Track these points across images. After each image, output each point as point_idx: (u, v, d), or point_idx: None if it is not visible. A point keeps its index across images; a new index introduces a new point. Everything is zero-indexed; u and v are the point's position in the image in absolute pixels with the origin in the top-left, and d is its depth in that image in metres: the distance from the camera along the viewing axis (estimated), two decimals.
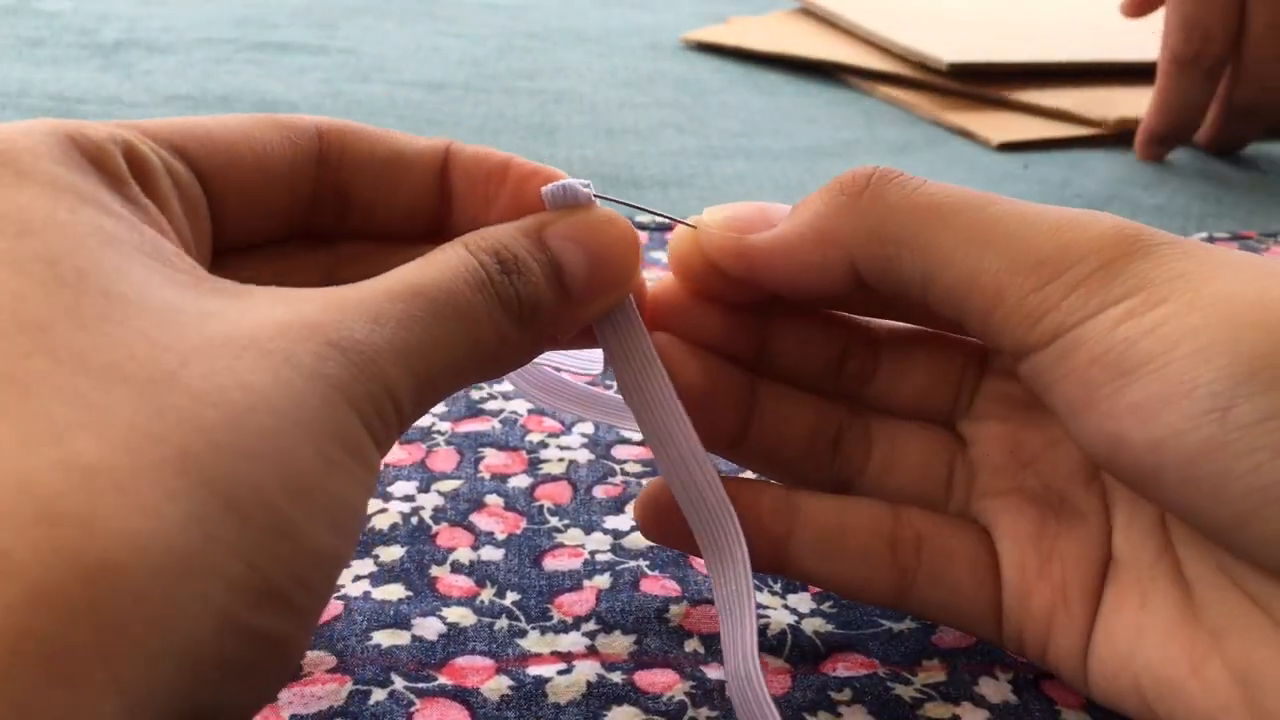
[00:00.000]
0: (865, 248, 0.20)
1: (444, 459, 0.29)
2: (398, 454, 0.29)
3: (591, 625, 0.24)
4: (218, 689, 0.13)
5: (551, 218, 0.20)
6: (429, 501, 0.28)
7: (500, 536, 0.26)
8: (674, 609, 0.24)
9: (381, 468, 0.24)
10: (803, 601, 0.25)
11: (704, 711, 0.22)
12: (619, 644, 0.23)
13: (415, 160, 0.22)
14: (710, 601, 0.25)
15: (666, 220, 0.23)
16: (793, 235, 0.21)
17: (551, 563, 0.26)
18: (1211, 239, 0.47)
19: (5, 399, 0.13)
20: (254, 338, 0.15)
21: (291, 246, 0.22)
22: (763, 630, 0.24)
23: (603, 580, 0.25)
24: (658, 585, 0.25)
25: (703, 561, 0.26)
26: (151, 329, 0.15)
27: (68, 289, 0.14)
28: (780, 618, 0.24)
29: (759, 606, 0.24)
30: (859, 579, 0.22)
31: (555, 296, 0.20)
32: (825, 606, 0.25)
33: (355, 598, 0.24)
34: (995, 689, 0.23)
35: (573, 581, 0.25)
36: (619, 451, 0.30)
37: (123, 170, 0.17)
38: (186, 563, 0.13)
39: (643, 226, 0.46)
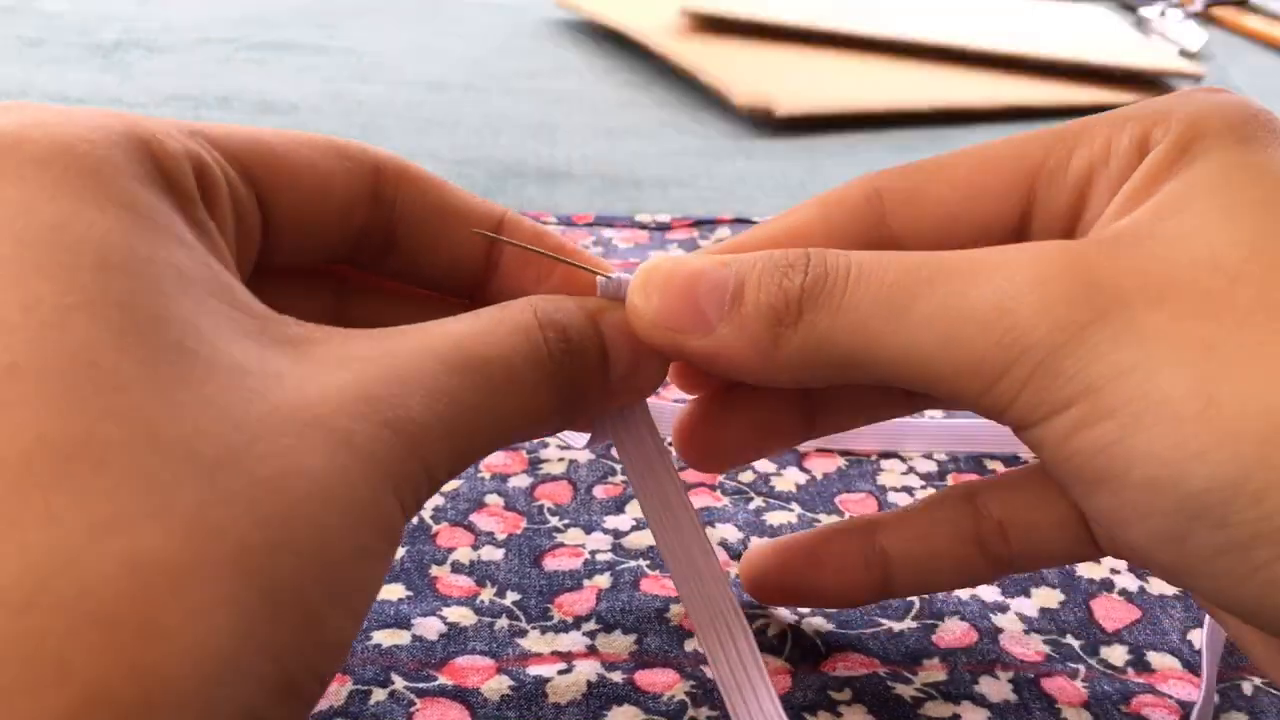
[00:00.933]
0: (810, 371, 0.19)
1: None
2: None
3: (592, 625, 0.24)
4: None
5: (608, 305, 0.20)
6: (429, 501, 0.28)
7: (500, 536, 0.26)
8: (674, 608, 0.24)
9: None
10: None
11: (704, 711, 0.22)
12: (619, 643, 0.23)
13: (469, 216, 0.21)
14: None
15: (588, 269, 0.21)
16: (734, 354, 0.19)
17: (552, 562, 0.26)
18: None
19: (78, 472, 0.13)
20: (317, 415, 0.15)
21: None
22: (762, 630, 0.24)
23: (603, 580, 0.25)
24: (658, 585, 0.25)
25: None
26: (221, 396, 0.14)
27: (144, 343, 0.14)
28: (780, 615, 0.24)
29: (760, 607, 0.24)
30: (962, 583, 0.23)
31: (599, 384, 0.19)
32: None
33: None
34: (995, 688, 0.23)
35: (573, 581, 0.25)
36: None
37: (194, 191, 0.17)
38: (227, 666, 0.13)
39: (642, 226, 0.46)
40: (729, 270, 0.19)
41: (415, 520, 0.27)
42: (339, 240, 0.20)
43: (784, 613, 0.24)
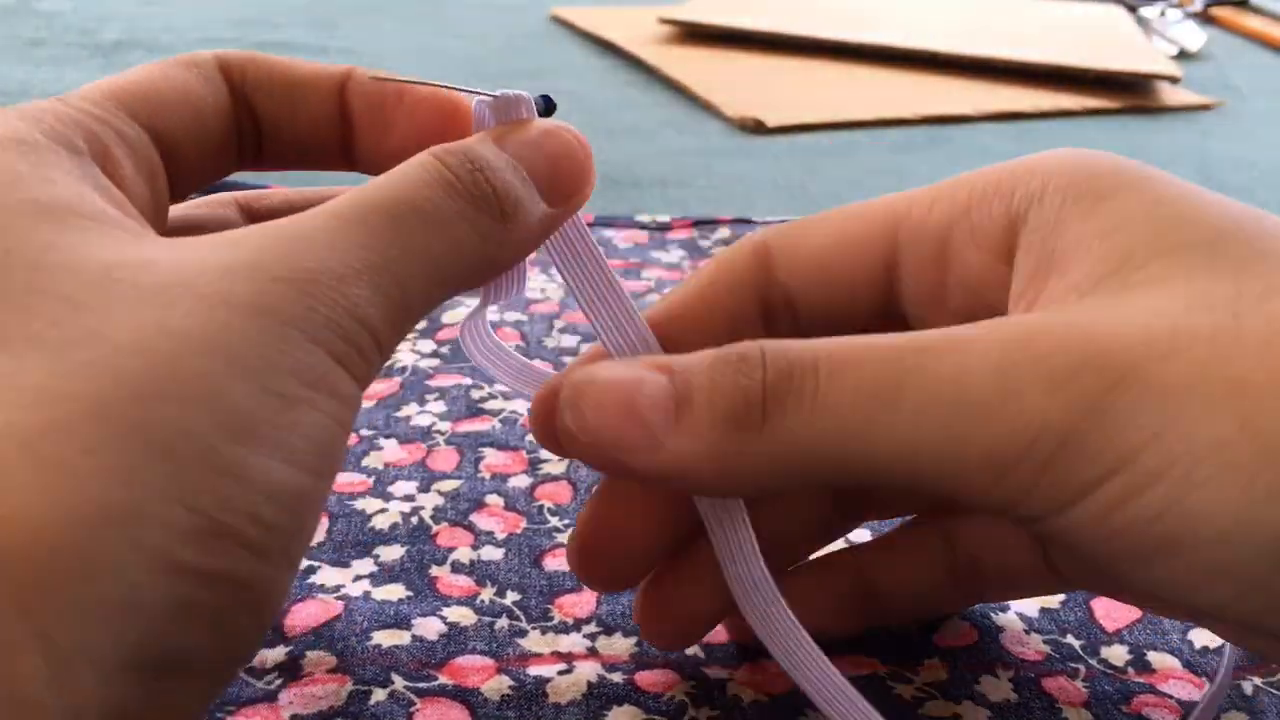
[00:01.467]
0: (780, 480, 0.18)
1: (444, 459, 0.29)
2: (398, 454, 0.29)
3: (592, 627, 0.24)
4: (181, 635, 0.13)
5: (504, 130, 0.20)
6: (429, 501, 0.28)
7: (500, 536, 0.26)
8: None
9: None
10: None
11: (705, 711, 0.22)
12: (619, 645, 0.23)
13: (316, 80, 0.21)
14: None
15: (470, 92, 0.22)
16: (689, 468, 0.17)
17: (552, 563, 0.26)
18: None
19: None
20: (189, 283, 0.15)
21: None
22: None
23: None
24: None
25: None
26: (79, 292, 0.15)
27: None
28: None
29: None
30: (934, 610, 0.24)
31: (529, 194, 0.19)
32: None
33: (355, 598, 0.24)
34: (996, 687, 0.23)
35: (573, 582, 0.25)
36: None
37: (80, 147, 0.18)
38: (110, 511, 0.13)
39: (643, 226, 0.46)
40: (670, 374, 0.18)
41: (415, 520, 0.27)
42: (223, 144, 0.21)
43: None
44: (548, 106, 0.20)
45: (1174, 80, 0.75)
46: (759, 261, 0.21)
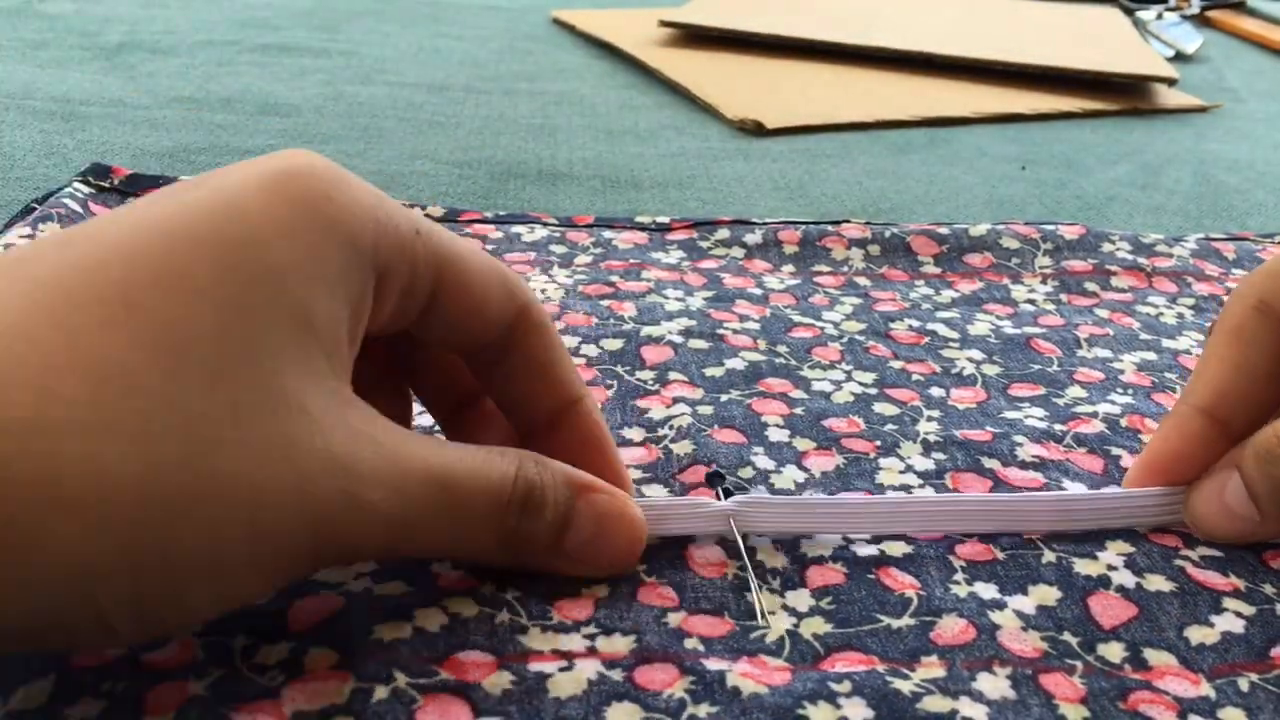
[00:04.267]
0: None
1: None
2: None
3: (591, 629, 0.24)
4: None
5: (602, 489, 0.24)
6: None
7: None
8: (672, 616, 0.24)
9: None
10: (801, 597, 0.25)
11: (704, 707, 0.22)
12: (619, 643, 0.23)
13: (555, 384, 0.25)
14: (707, 612, 0.25)
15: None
16: (1274, 535, 0.26)
17: None
18: (1208, 240, 0.47)
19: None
20: (300, 459, 0.19)
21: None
22: (761, 638, 0.24)
23: (600, 589, 0.25)
24: (655, 594, 0.25)
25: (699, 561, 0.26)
26: (245, 420, 0.18)
27: (223, 359, 0.19)
28: (778, 624, 0.24)
29: (753, 617, 0.25)
30: None
31: (549, 543, 0.23)
32: (824, 604, 0.25)
33: (357, 594, 0.24)
34: (993, 684, 0.23)
35: (571, 589, 0.25)
36: (620, 455, 0.30)
37: (376, 266, 0.21)
38: (81, 570, 0.17)
39: (642, 227, 0.46)
40: (1237, 473, 0.25)
41: None
42: (467, 344, 0.25)
43: (782, 615, 0.24)
44: (714, 479, 0.28)
45: (1171, 82, 0.75)
46: (1267, 320, 0.26)
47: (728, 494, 0.27)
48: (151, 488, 0.17)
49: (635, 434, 0.31)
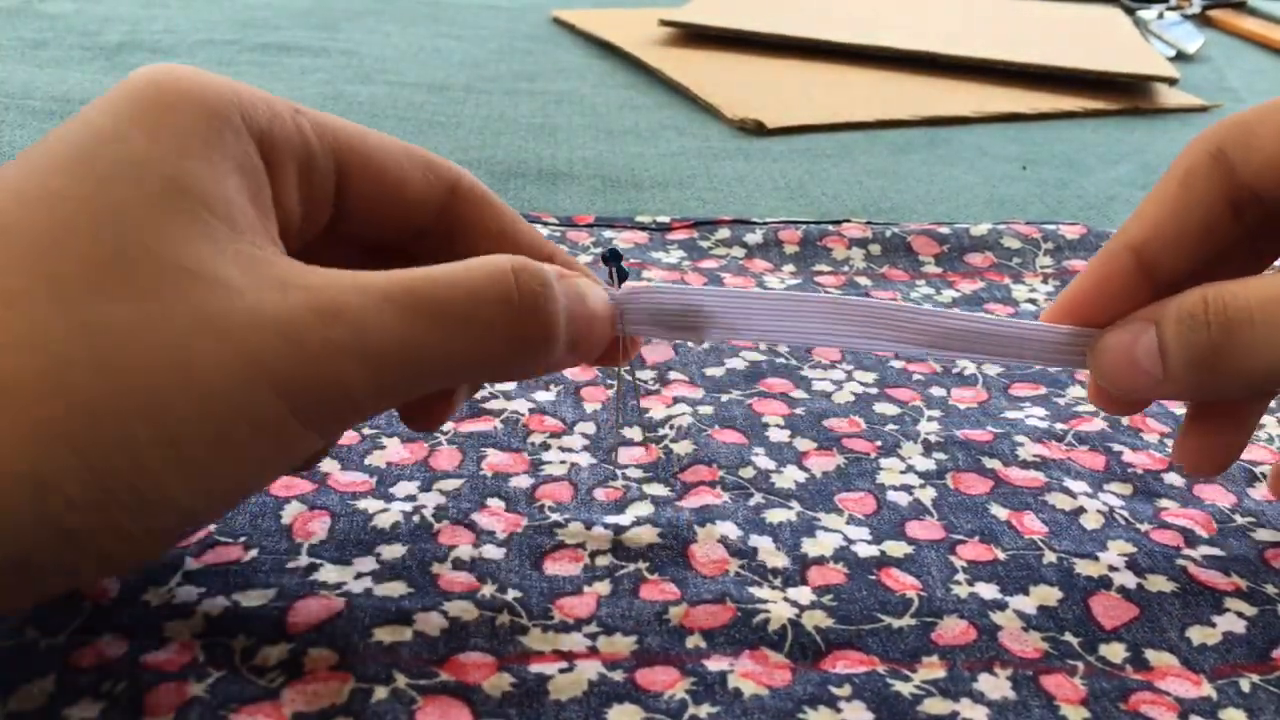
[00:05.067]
0: (1253, 391, 0.24)
1: (446, 458, 0.30)
2: (401, 453, 0.30)
3: (593, 628, 0.24)
4: (38, 554, 0.17)
5: (568, 274, 0.23)
6: (430, 500, 0.28)
7: (501, 536, 0.27)
8: (673, 610, 0.24)
9: (335, 446, 0.28)
10: (802, 594, 0.25)
11: (705, 708, 0.22)
12: (620, 643, 0.23)
13: (520, 245, 0.24)
14: (708, 601, 0.25)
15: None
16: (1186, 397, 0.24)
17: (552, 566, 0.26)
18: None
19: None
20: (214, 320, 0.18)
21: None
22: (763, 625, 0.24)
23: (603, 586, 0.25)
24: (657, 590, 0.25)
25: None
26: (142, 296, 0.18)
27: (102, 246, 0.18)
28: (780, 611, 0.24)
29: (759, 601, 0.24)
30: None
31: (566, 336, 0.22)
32: (826, 600, 0.25)
33: (357, 595, 0.24)
34: (994, 685, 0.23)
35: (572, 587, 0.25)
36: (620, 455, 0.30)
37: (253, 132, 0.21)
38: (37, 459, 0.17)
39: (642, 227, 0.46)
40: (1154, 327, 0.23)
41: (417, 519, 0.27)
42: (401, 230, 0.24)
43: (784, 606, 0.24)
44: (610, 258, 0.25)
45: (1172, 82, 0.75)
46: (1219, 167, 0.24)
47: (622, 276, 0.25)
48: (73, 391, 0.17)
49: (635, 434, 0.31)
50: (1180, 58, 0.87)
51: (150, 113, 0.20)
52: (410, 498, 0.28)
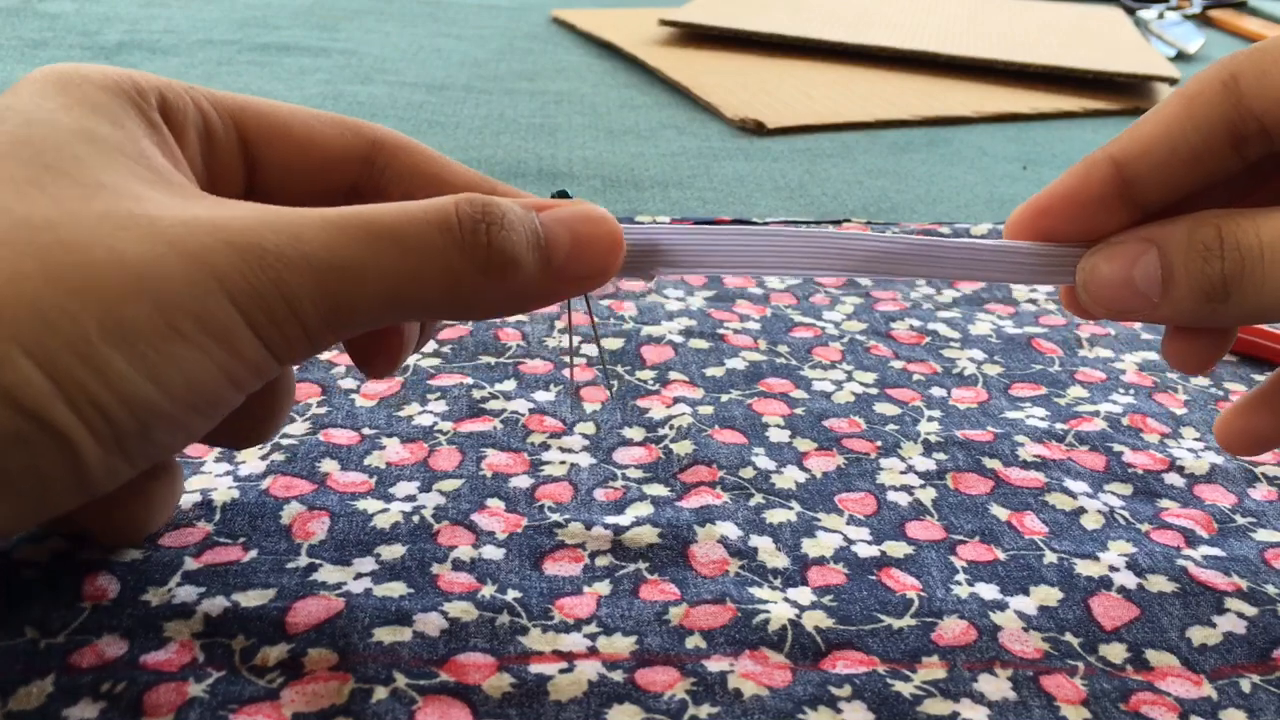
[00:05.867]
0: (1245, 322, 0.23)
1: (446, 458, 0.30)
2: (400, 453, 0.30)
3: (592, 628, 0.24)
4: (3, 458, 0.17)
5: (550, 204, 0.22)
6: (430, 501, 0.28)
7: (501, 536, 0.27)
8: (674, 610, 0.24)
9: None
10: (803, 595, 0.25)
11: (705, 709, 0.22)
12: (620, 644, 0.23)
13: (457, 184, 0.24)
14: (708, 601, 0.25)
15: None
16: (1176, 320, 0.23)
17: (552, 566, 0.26)
18: None
19: None
20: (157, 223, 0.18)
21: None
22: (763, 625, 0.24)
23: (603, 587, 0.25)
24: (657, 590, 0.25)
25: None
26: (74, 200, 0.18)
27: (28, 166, 0.18)
28: (781, 611, 0.24)
29: (759, 601, 0.24)
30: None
31: (536, 261, 0.21)
32: (826, 600, 0.25)
33: (357, 595, 0.24)
34: (994, 685, 0.23)
35: (573, 587, 0.25)
36: (620, 455, 0.30)
37: (150, 102, 0.22)
38: None
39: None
40: (1156, 250, 0.23)
41: (416, 519, 0.27)
42: (327, 189, 0.24)
43: (785, 606, 0.24)
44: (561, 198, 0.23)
45: (1172, 82, 0.75)
46: (1229, 95, 0.23)
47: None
48: (20, 290, 0.17)
49: (635, 434, 0.31)
50: (1181, 58, 0.87)
51: (57, 87, 0.21)
52: (410, 498, 0.28)
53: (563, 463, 0.30)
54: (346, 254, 0.19)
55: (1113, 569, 0.26)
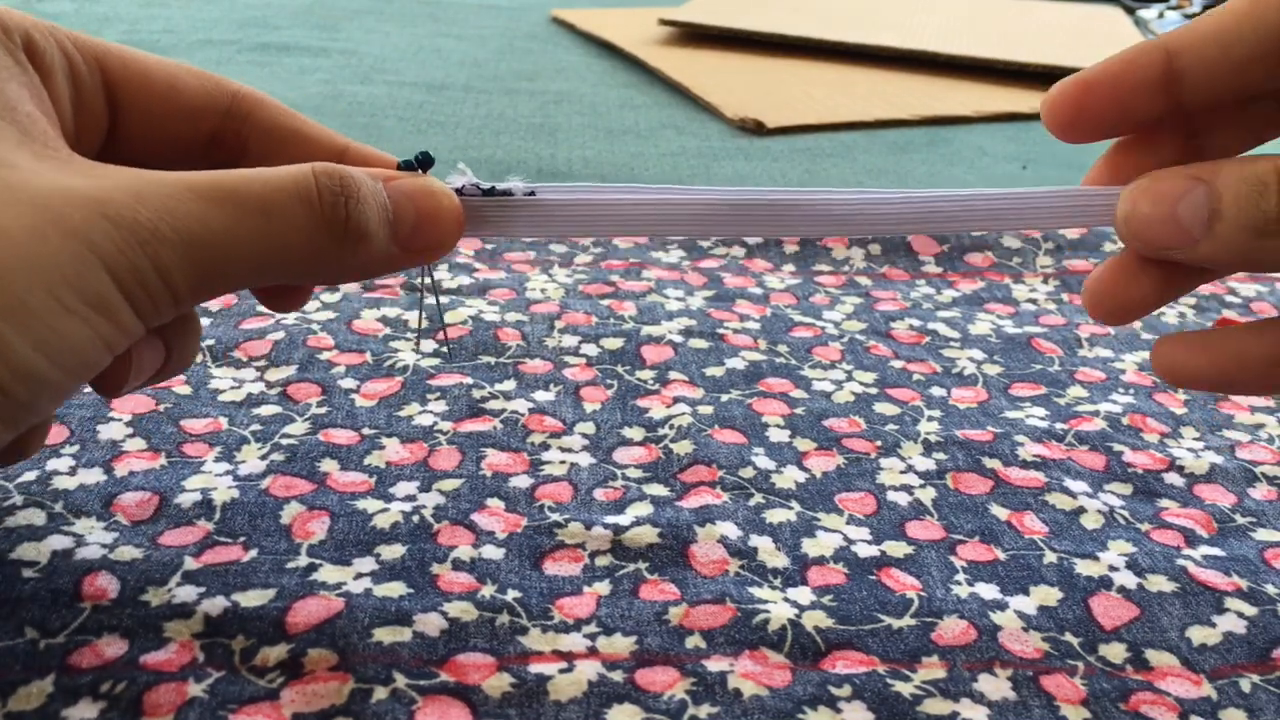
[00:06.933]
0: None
1: (446, 458, 0.30)
2: (400, 453, 0.30)
3: (592, 628, 0.24)
4: None
5: (398, 175, 0.23)
6: (430, 500, 0.28)
7: (501, 536, 0.27)
8: (673, 610, 0.24)
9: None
10: (802, 595, 0.25)
11: (705, 708, 0.22)
12: (620, 644, 0.23)
13: (312, 140, 0.26)
14: (708, 601, 0.25)
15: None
16: (1220, 264, 0.23)
17: (552, 566, 0.26)
18: None
19: None
20: (36, 196, 0.19)
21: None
22: (763, 625, 0.24)
23: (603, 587, 0.25)
24: (657, 590, 0.25)
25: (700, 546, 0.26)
26: None
27: None
28: (780, 611, 0.24)
29: (759, 601, 0.24)
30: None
31: (385, 234, 0.23)
32: (826, 600, 0.25)
33: (356, 595, 0.24)
34: (994, 685, 0.23)
35: (573, 585, 0.25)
36: (620, 455, 0.30)
37: (15, 41, 0.22)
38: None
39: None
40: (1205, 187, 0.22)
41: (416, 519, 0.27)
42: (189, 138, 0.25)
43: (785, 606, 0.24)
44: (423, 162, 0.24)
45: None
46: (1163, 55, 0.24)
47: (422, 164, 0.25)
48: None
49: (635, 433, 0.31)
50: None
51: None
52: (410, 498, 0.28)
53: (562, 462, 0.30)
54: (216, 226, 0.20)
55: (1113, 569, 0.26)
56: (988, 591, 0.26)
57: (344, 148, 0.26)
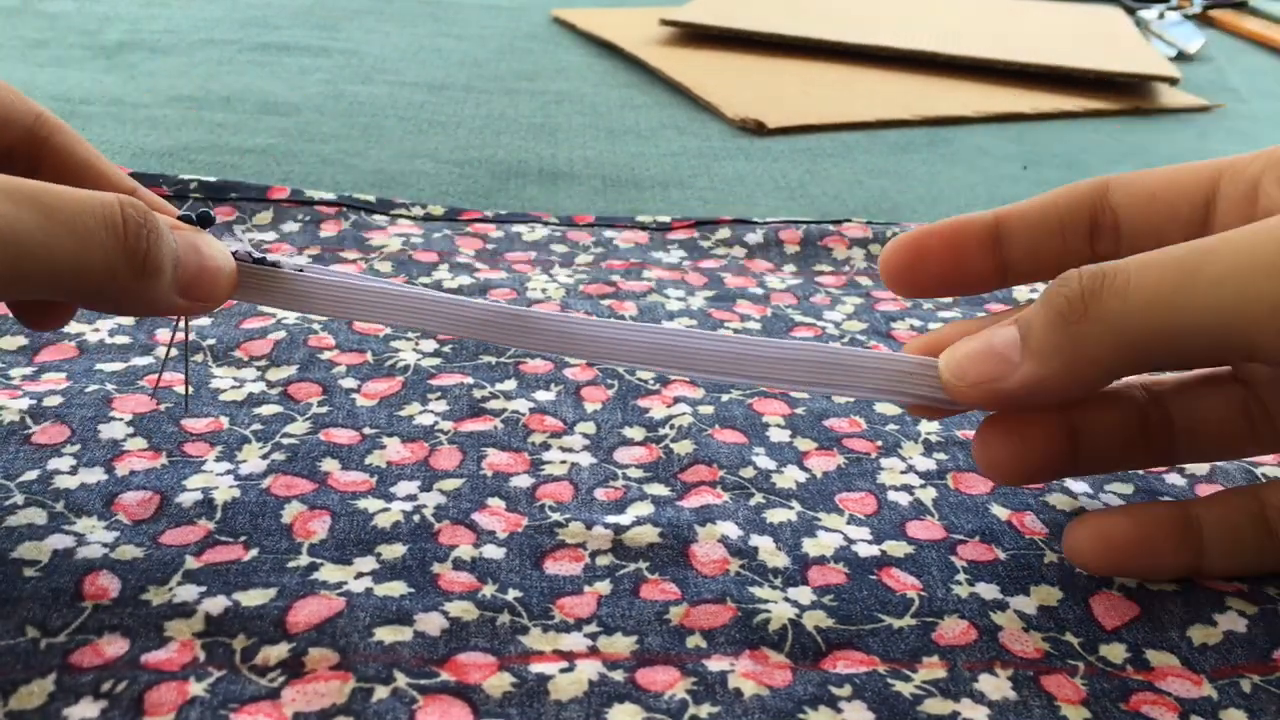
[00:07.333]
0: (1113, 359, 0.22)
1: (446, 458, 0.30)
2: (401, 453, 0.30)
3: (593, 627, 0.24)
4: None
5: (184, 225, 0.25)
6: (430, 500, 0.28)
7: (502, 535, 0.27)
8: (674, 610, 0.24)
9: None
10: (803, 594, 0.25)
11: (705, 708, 0.22)
12: (620, 643, 0.23)
13: (104, 176, 0.27)
14: (709, 600, 0.25)
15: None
16: (1045, 378, 0.22)
17: (553, 566, 0.26)
18: None
19: None
20: None
21: None
22: (763, 625, 0.24)
23: (603, 586, 0.25)
24: (658, 590, 0.25)
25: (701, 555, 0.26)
26: None
27: None
28: (781, 611, 0.24)
29: (760, 601, 0.25)
30: (1131, 464, 0.27)
31: (172, 277, 0.23)
32: (826, 600, 0.25)
33: (357, 594, 0.24)
34: (995, 685, 0.23)
35: (573, 584, 0.25)
36: (621, 455, 0.30)
37: None
38: None
39: (643, 227, 0.46)
40: (1012, 321, 0.23)
41: (417, 519, 0.27)
42: None
43: (785, 606, 0.24)
44: (203, 220, 0.25)
45: (1173, 82, 0.75)
46: (1097, 188, 0.27)
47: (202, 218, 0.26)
48: None
49: (636, 433, 0.31)
50: (1181, 58, 0.87)
51: None
52: (410, 497, 0.28)
53: (563, 462, 0.30)
54: (21, 229, 0.20)
55: None
56: (988, 591, 0.26)
57: (133, 189, 0.27)
